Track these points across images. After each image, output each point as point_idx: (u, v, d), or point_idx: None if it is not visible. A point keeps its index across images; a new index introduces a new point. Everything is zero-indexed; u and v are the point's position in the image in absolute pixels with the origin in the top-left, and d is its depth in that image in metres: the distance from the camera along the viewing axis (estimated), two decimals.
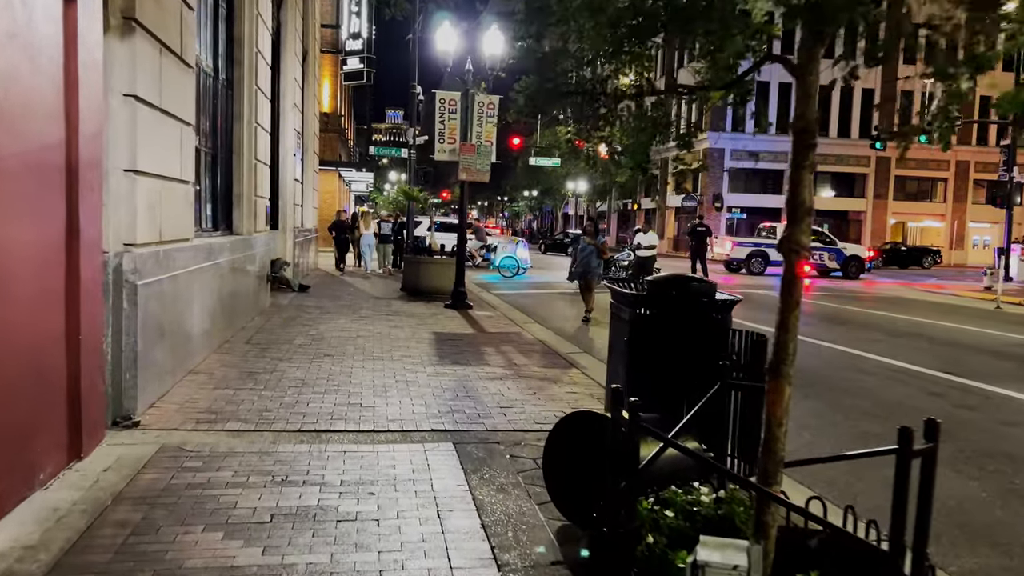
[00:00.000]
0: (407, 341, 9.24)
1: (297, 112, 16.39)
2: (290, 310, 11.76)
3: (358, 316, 11.42)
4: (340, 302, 13.23)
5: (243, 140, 10.21)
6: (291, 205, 15.69)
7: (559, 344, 9.93)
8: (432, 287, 14.98)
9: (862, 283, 25.98)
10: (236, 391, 6.28)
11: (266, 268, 11.67)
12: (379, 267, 22.86)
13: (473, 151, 12.80)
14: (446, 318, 11.73)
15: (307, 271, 18.73)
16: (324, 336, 9.31)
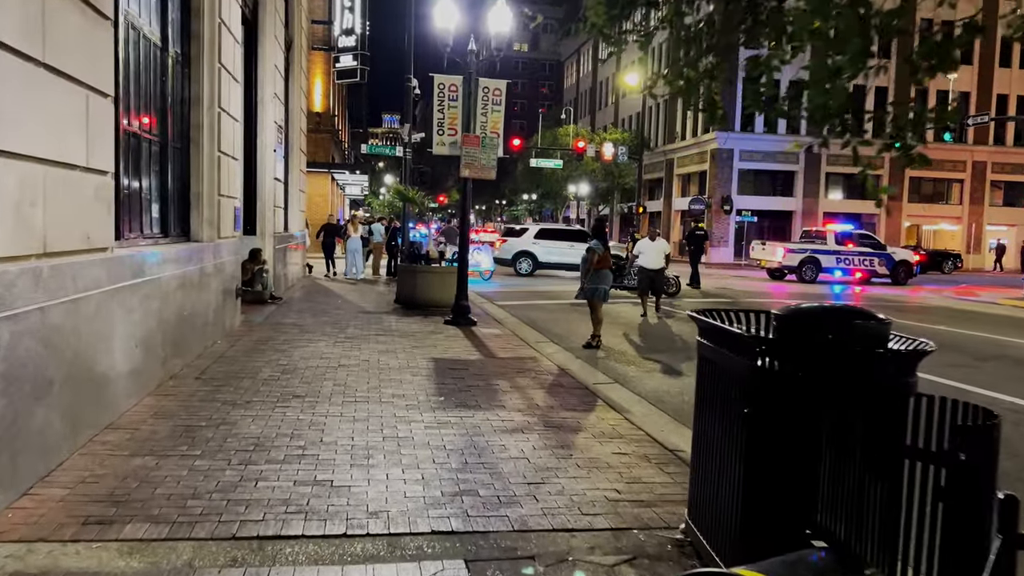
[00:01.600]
0: (400, 372, 7.49)
1: (278, 104, 14.66)
2: (263, 330, 10.01)
3: (343, 336, 9.68)
4: (324, 318, 11.48)
5: (202, 128, 8.48)
6: (270, 207, 13.95)
7: (583, 372, 8.21)
8: (430, 299, 13.24)
9: (908, 290, 24.54)
10: (160, 460, 4.53)
11: (236, 280, 9.93)
12: (371, 273, 21.12)
13: (477, 143, 11.07)
14: (447, 338, 10.00)
15: (292, 280, 16.98)
16: (297, 367, 7.56)
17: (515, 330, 11.25)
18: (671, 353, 10.16)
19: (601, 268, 10.17)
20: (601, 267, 10.15)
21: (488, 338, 10.22)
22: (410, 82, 20.27)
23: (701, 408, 3.60)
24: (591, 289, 10.18)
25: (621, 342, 11.02)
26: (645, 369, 8.97)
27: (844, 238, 26.47)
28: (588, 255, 10.17)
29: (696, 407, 3.67)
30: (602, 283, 10.25)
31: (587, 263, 10.21)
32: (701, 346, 3.59)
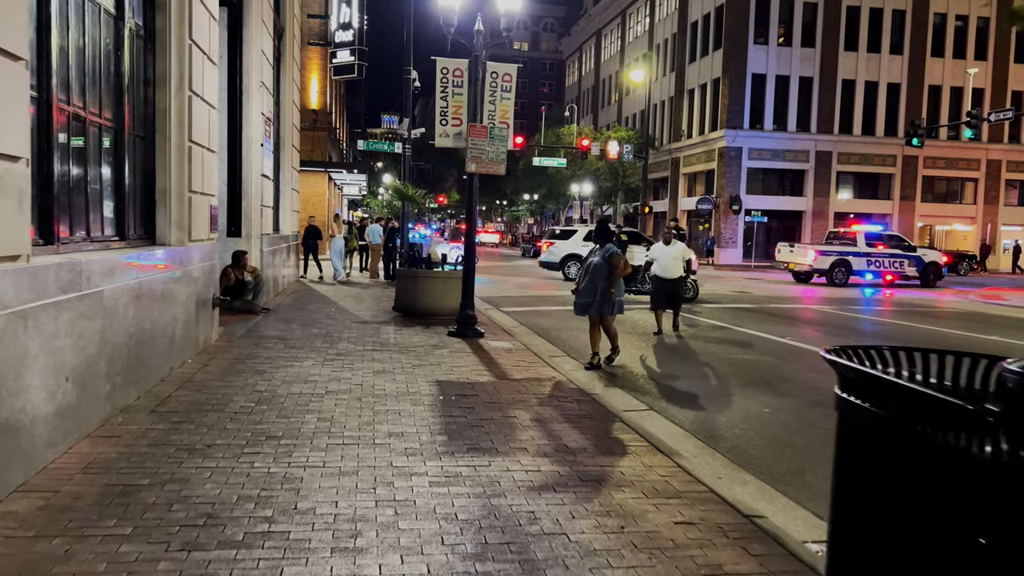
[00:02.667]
0: (398, 401, 6.32)
1: (267, 94, 13.49)
2: (244, 345, 8.83)
3: (334, 353, 8.50)
4: (314, 329, 10.30)
5: (169, 114, 7.32)
6: (258, 206, 12.77)
7: (610, 396, 7.06)
8: (432, 307, 12.07)
9: (937, 293, 23.43)
10: (74, 543, 3.36)
11: (212, 288, 8.75)
12: (368, 276, 19.95)
13: (485, 134, 9.89)
14: (452, 354, 8.82)
15: (284, 286, 15.80)
16: (277, 394, 6.38)
17: (527, 342, 10.08)
18: (699, 371, 8.98)
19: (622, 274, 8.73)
20: (623, 274, 8.67)
21: (498, 353, 9.04)
22: (409, 74, 19.11)
23: (850, 508, 2.40)
24: (614, 304, 8.62)
25: (642, 359, 9.84)
26: (677, 392, 7.79)
27: (874, 239, 25.59)
28: (611, 260, 8.53)
29: (837, 502, 2.48)
30: (620, 294, 8.74)
31: (609, 272, 8.50)
32: (847, 406, 2.40)
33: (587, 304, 8.73)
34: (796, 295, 20.82)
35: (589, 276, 8.70)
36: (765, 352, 10.27)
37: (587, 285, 8.69)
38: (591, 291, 8.65)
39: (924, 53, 41.74)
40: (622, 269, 8.59)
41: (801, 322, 14.24)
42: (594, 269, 8.68)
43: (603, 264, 8.62)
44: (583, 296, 8.74)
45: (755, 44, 40.34)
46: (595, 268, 8.67)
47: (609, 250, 8.64)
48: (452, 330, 10.38)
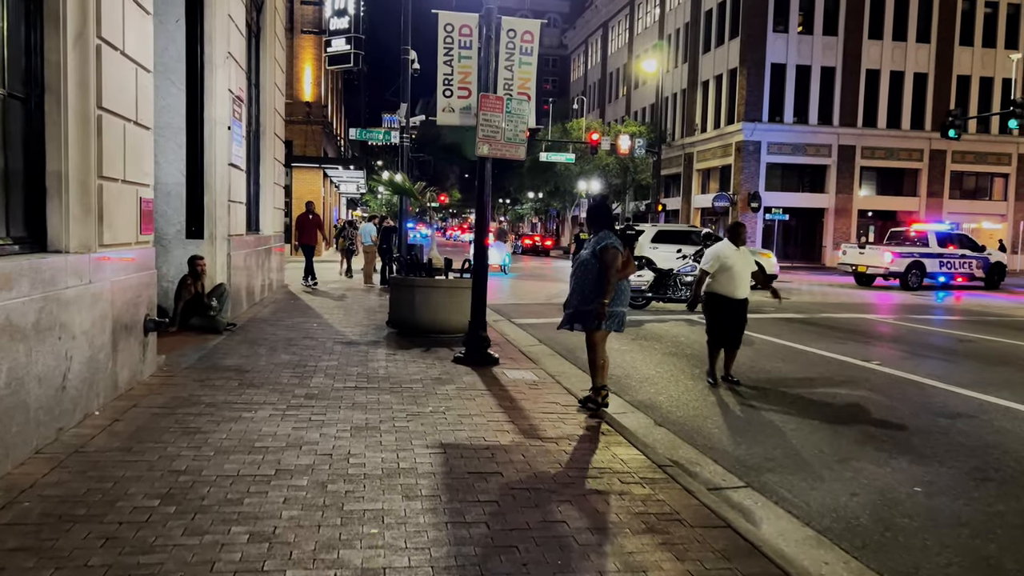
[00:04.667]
0: (383, 492, 4.17)
1: (236, 69, 11.35)
2: (186, 383, 6.69)
3: (303, 395, 6.36)
4: (284, 355, 8.16)
5: (65, 68, 5.20)
6: (224, 202, 10.64)
7: (690, 461, 4.93)
8: (434, 323, 9.94)
9: (1004, 295, 21.72)
10: None
11: (144, 308, 6.62)
12: (363, 281, 17.81)
13: (500, 108, 7.75)
14: (460, 392, 6.69)
15: (262, 295, 13.67)
16: (200, 480, 4.23)
17: (553, 371, 7.95)
18: (786, 414, 6.81)
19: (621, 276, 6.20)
20: (622, 275, 6.20)
21: (520, 390, 6.91)
22: (407, 55, 16.97)
23: None
24: (605, 317, 6.07)
25: (699, 396, 7.68)
26: (773, 454, 5.64)
27: (945, 239, 24.02)
28: (604, 256, 6.05)
29: None
30: (620, 304, 6.25)
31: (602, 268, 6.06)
32: None
33: (567, 316, 6.42)
34: (846, 302, 18.64)
35: (574, 277, 6.40)
36: (857, 384, 8.12)
37: (571, 289, 6.42)
38: (572, 296, 6.37)
39: (952, 41, 39.51)
40: (620, 267, 6.09)
41: (875, 338, 12.05)
42: (579, 267, 6.29)
43: (591, 260, 6.17)
44: (566, 304, 6.48)
45: (774, 32, 38.14)
46: (581, 266, 6.26)
47: (602, 240, 6.13)
48: (459, 355, 8.25)
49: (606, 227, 6.28)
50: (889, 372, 8.78)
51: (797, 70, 38.36)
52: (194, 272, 9.54)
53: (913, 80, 39.42)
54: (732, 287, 7.78)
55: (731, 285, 7.78)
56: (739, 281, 7.79)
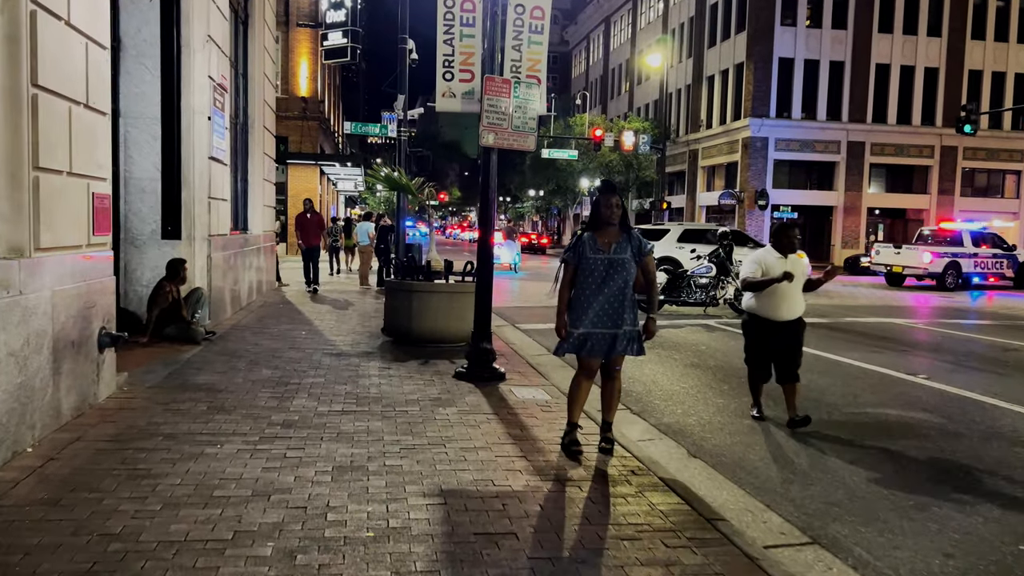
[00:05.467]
0: (366, 564, 3.29)
1: (219, 54, 10.46)
2: (147, 406, 5.80)
3: (280, 422, 5.48)
4: (266, 370, 7.28)
5: None
6: (203, 198, 9.76)
7: (742, 518, 4.06)
8: (432, 332, 9.06)
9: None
10: None
11: (99, 320, 5.74)
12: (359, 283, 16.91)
13: (507, 92, 6.88)
14: (463, 416, 5.80)
15: (248, 300, 12.78)
16: (136, 550, 3.33)
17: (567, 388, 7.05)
18: (840, 441, 5.93)
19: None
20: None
21: (530, 413, 6.03)
22: (405, 43, 16.08)
23: None
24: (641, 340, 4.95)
25: (737, 417, 6.79)
26: (837, 500, 4.76)
27: (979, 239, 23.73)
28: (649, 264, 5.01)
29: None
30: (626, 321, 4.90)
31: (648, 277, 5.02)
32: None
33: (605, 339, 4.82)
34: (871, 304, 17.75)
35: (601, 283, 4.79)
36: (910, 403, 7.24)
37: (601, 300, 4.79)
38: (612, 312, 4.81)
39: (964, 35, 38.58)
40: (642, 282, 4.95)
41: (911, 346, 11.15)
42: (613, 273, 4.79)
43: (630, 263, 4.85)
44: (591, 320, 4.80)
45: (782, 25, 37.21)
46: (618, 270, 4.79)
47: (642, 244, 4.89)
48: (461, 369, 7.36)
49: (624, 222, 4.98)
50: (940, 388, 7.89)
51: (805, 64, 37.45)
52: (177, 277, 8.66)
53: (924, 75, 38.51)
54: (773, 306, 6.04)
55: (773, 304, 6.04)
56: (784, 299, 6.00)
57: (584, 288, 4.87)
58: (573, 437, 5.04)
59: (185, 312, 8.68)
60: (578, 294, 4.90)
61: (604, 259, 4.84)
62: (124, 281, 9.20)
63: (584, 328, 4.86)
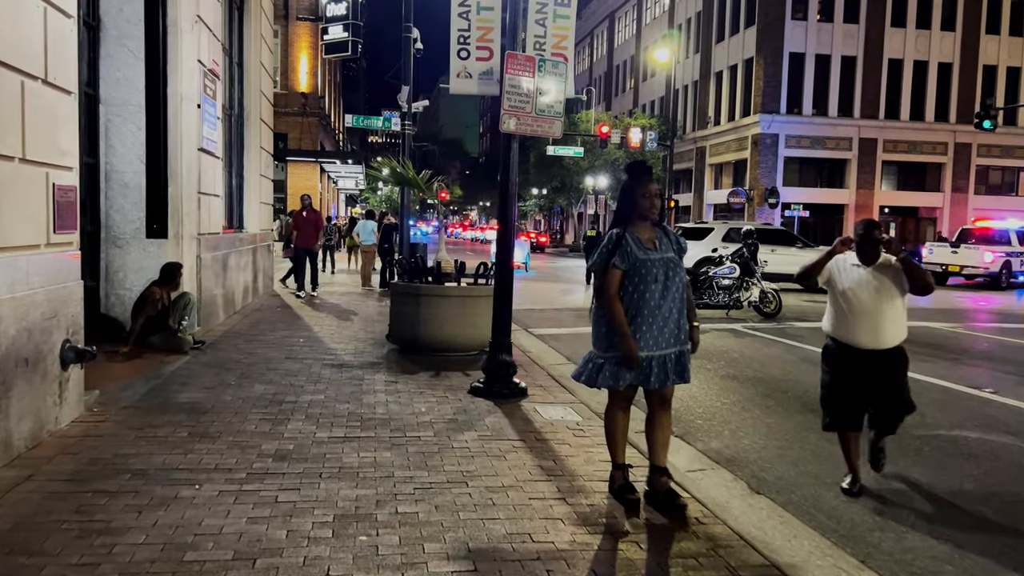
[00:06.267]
0: None
1: (210, 37, 9.65)
2: (117, 432, 4.99)
3: (272, 452, 4.67)
4: (258, 384, 6.47)
5: None
6: (193, 194, 8.96)
7: None
8: (443, 340, 8.25)
9: None
10: None
11: (62, 333, 4.94)
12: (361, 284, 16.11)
13: (530, 70, 6.07)
14: (484, 443, 5.00)
15: (244, 303, 11.98)
16: None
17: (596, 406, 6.25)
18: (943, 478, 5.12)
19: None
20: None
21: (561, 437, 5.23)
22: (410, 32, 15.28)
23: None
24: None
25: (795, 438, 5.97)
26: (930, 546, 3.95)
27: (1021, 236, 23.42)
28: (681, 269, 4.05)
29: None
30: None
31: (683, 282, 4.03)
32: None
33: (669, 362, 3.93)
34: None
35: (663, 291, 3.87)
36: (987, 424, 6.42)
37: (663, 312, 3.88)
38: (675, 326, 3.93)
39: (978, 30, 37.74)
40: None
41: (961, 354, 10.27)
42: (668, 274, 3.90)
43: (681, 263, 4.03)
44: (655, 338, 3.87)
45: (792, 20, 36.37)
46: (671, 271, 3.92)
47: (680, 239, 4.09)
48: (477, 384, 6.55)
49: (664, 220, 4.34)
50: (1014, 404, 7.08)
51: (816, 60, 36.61)
52: (172, 283, 7.87)
53: (937, 70, 37.67)
54: (851, 329, 4.52)
55: (851, 324, 4.52)
56: (866, 319, 4.46)
57: (639, 299, 3.89)
58: (625, 482, 4.11)
59: (172, 319, 7.88)
60: (631, 307, 3.89)
61: (659, 260, 3.91)
62: (105, 284, 8.42)
63: (648, 350, 3.88)
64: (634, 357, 3.81)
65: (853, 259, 4.62)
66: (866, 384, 4.54)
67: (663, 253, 3.94)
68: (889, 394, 4.57)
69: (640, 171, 4.08)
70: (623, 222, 4.00)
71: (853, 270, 4.59)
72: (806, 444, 5.69)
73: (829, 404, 4.73)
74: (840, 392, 4.64)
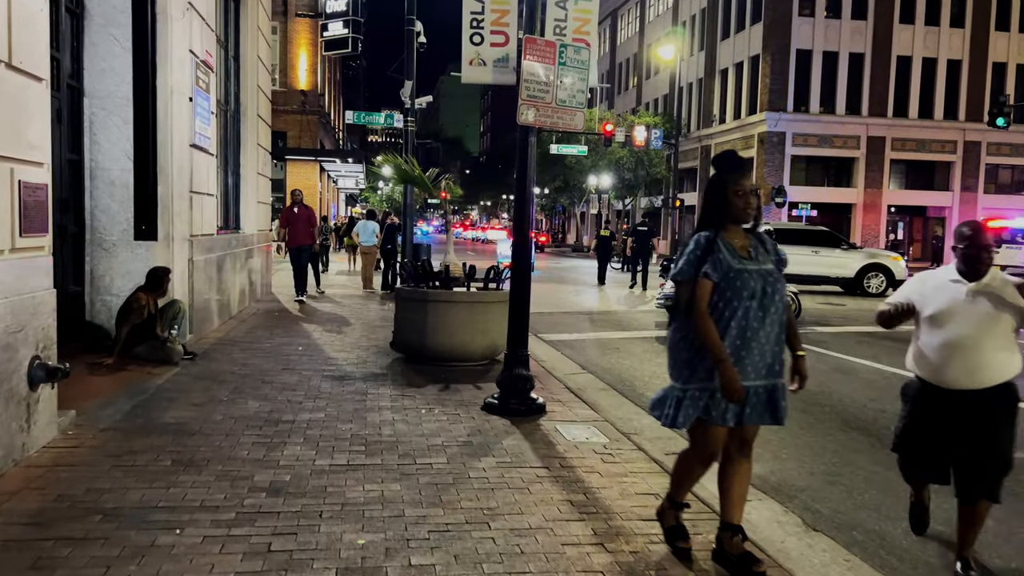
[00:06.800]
0: None
1: (203, 27, 9.11)
2: (92, 462, 4.44)
3: (266, 486, 4.13)
4: (252, 401, 5.92)
5: None
6: (185, 193, 8.42)
7: None
8: (452, 349, 7.71)
9: None
10: None
11: (34, 347, 4.39)
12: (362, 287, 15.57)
13: (550, 57, 5.52)
14: (504, 473, 4.45)
15: (240, 307, 11.43)
16: None
17: (619, 421, 5.73)
18: None
19: None
20: None
21: (588, 463, 4.69)
22: (413, 25, 14.73)
23: None
24: None
25: (843, 459, 5.43)
26: None
27: None
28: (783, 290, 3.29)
29: None
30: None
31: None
32: None
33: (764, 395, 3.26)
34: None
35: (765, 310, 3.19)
36: None
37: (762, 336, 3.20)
38: (774, 353, 3.25)
39: (988, 26, 37.17)
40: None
41: None
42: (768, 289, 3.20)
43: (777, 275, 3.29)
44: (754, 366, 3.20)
45: (800, 16, 35.82)
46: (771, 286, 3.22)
47: (778, 247, 3.38)
48: (492, 400, 6.01)
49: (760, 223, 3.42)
50: None
51: (824, 56, 36.05)
52: (159, 289, 7.33)
53: (946, 67, 37.11)
54: (940, 364, 3.55)
55: (937, 360, 3.56)
56: (963, 353, 3.49)
57: (729, 318, 3.17)
58: (677, 523, 3.54)
59: (160, 328, 7.33)
60: (722, 327, 3.18)
61: (756, 271, 3.20)
62: (90, 289, 7.87)
63: (745, 380, 3.18)
64: (736, 388, 3.09)
65: (950, 273, 3.59)
66: (952, 433, 3.57)
67: (761, 264, 3.24)
68: (986, 443, 3.48)
69: (732, 164, 3.38)
70: (712, 225, 3.30)
71: (949, 288, 3.55)
72: (857, 469, 5.15)
73: (905, 454, 3.86)
74: (919, 442, 3.74)
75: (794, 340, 3.38)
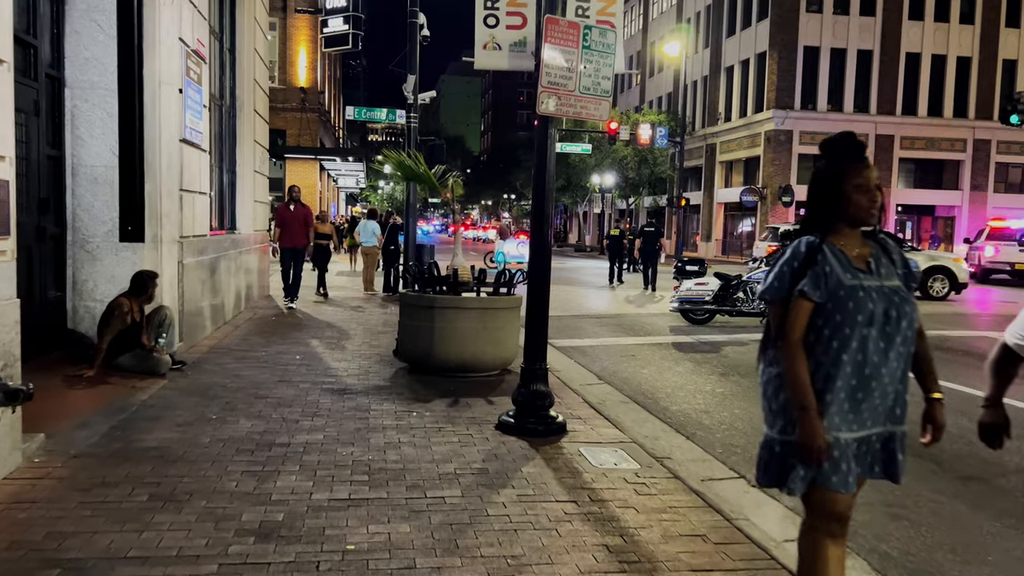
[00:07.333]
0: None
1: (195, 14, 8.55)
2: (54, 498, 3.89)
3: (255, 528, 3.58)
4: (244, 420, 5.37)
5: None
6: (174, 191, 7.87)
7: None
8: (461, 359, 7.16)
9: None
10: None
11: None
12: (363, 289, 15.03)
13: (574, 39, 4.97)
14: (527, 509, 3.91)
15: (235, 312, 10.88)
16: None
17: (649, 444, 5.19)
18: None
19: None
20: None
21: (621, 496, 4.15)
22: (416, 17, 14.16)
23: None
24: None
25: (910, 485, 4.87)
26: None
27: None
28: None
29: None
30: None
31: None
32: None
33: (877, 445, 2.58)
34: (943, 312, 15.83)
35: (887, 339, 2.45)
36: None
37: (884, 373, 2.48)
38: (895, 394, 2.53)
39: (998, 23, 36.64)
40: None
41: None
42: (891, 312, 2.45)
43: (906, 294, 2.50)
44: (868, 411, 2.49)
45: (807, 12, 35.27)
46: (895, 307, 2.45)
47: (905, 258, 2.62)
48: (507, 418, 5.45)
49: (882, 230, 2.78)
50: None
51: (832, 53, 35.51)
52: (144, 294, 6.78)
53: (956, 65, 36.56)
54: None
55: None
56: None
57: (840, 349, 2.45)
58: None
59: (146, 336, 6.78)
60: (825, 362, 2.47)
61: (877, 289, 2.46)
62: (72, 295, 7.33)
63: (848, 431, 2.49)
64: (816, 447, 2.39)
65: None
66: None
67: (884, 280, 2.48)
68: None
69: (850, 148, 2.58)
70: (820, 227, 2.56)
71: None
72: (920, 501, 4.60)
73: None
74: None
75: (928, 379, 2.63)
